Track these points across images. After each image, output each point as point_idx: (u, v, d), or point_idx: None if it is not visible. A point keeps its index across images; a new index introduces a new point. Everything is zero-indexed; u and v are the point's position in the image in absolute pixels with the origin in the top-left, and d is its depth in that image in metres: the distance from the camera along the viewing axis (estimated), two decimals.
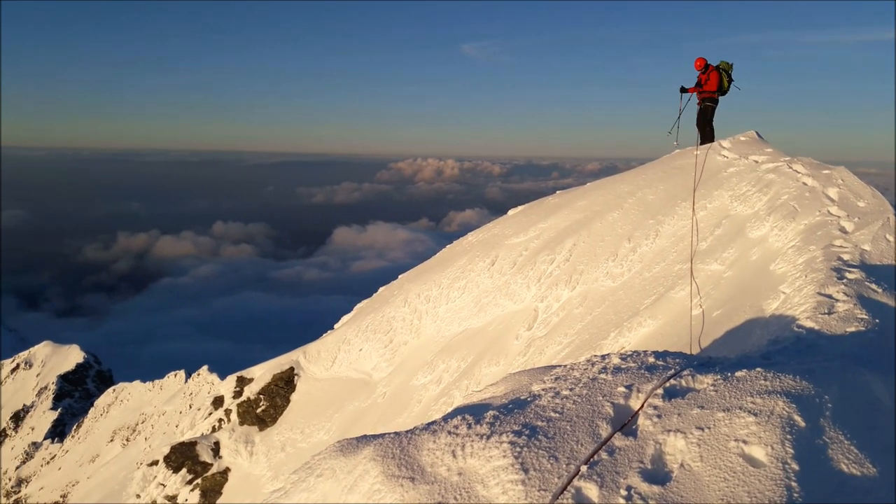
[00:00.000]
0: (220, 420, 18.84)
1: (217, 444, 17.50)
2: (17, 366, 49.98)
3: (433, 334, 16.98)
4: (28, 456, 40.86)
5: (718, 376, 4.00)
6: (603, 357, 4.70)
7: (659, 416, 3.63)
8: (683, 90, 14.27)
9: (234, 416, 18.24)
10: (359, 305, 22.03)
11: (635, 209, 13.89)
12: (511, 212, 19.90)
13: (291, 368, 19.06)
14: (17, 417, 44.62)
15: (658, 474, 3.24)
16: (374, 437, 4.49)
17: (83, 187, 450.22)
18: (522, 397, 4.37)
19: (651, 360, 4.52)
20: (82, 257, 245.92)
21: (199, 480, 16.66)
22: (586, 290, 12.76)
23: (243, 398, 18.47)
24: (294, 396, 18.57)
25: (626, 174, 17.26)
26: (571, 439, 3.55)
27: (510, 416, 3.94)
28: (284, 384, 18.63)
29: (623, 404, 3.87)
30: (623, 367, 4.40)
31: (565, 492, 3.15)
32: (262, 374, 19.34)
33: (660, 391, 3.93)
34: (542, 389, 4.38)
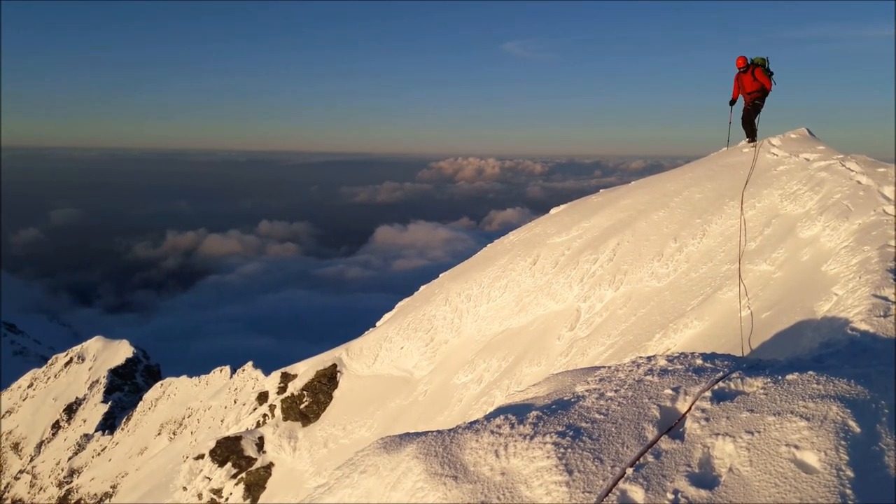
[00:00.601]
0: (265, 415, 19.18)
1: (261, 438, 17.82)
2: (71, 359, 51.76)
3: (474, 333, 16.98)
4: (80, 447, 42.25)
5: (769, 379, 3.91)
6: (649, 359, 4.63)
7: (707, 420, 3.57)
8: (732, 103, 14.34)
9: (278, 412, 18.54)
10: (400, 303, 22.17)
11: (681, 208, 13.64)
12: (553, 210, 19.76)
13: (334, 365, 19.29)
14: (70, 409, 46.14)
15: (706, 479, 3.19)
16: (417, 434, 4.51)
17: (134, 187, 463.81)
18: (566, 398, 4.34)
19: (699, 362, 4.44)
20: (132, 255, 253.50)
21: (243, 475, 16.99)
22: (630, 291, 12.58)
23: (287, 394, 18.77)
24: (336, 393, 18.79)
25: (671, 172, 16.97)
26: (616, 441, 3.51)
27: (554, 417, 3.92)
28: (327, 381, 18.86)
29: (670, 407, 3.81)
30: (670, 368, 4.33)
31: (610, 494, 3.12)
32: (305, 370, 19.62)
33: (708, 394, 3.85)
34: (586, 391, 4.34)
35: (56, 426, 45.53)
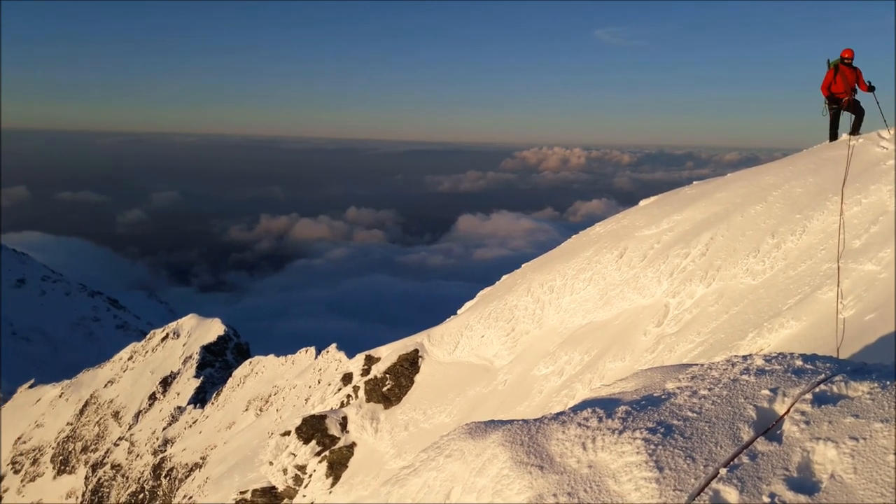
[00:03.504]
0: (348, 396, 19.75)
1: (345, 418, 18.37)
2: (167, 335, 54.85)
3: (556, 325, 16.83)
4: (174, 418, 44.77)
5: (876, 384, 3.71)
6: (745, 358, 4.47)
7: (807, 423, 3.42)
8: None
9: (361, 394, 19.05)
10: (481, 292, 22.23)
11: (781, 202, 13.00)
12: (643, 202, 19.27)
13: (416, 350, 19.61)
14: (166, 382, 48.90)
15: (805, 483, 3.07)
16: (502, 422, 4.55)
17: (230, 171, 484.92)
18: (656, 394, 4.26)
19: (798, 363, 4.25)
20: (227, 237, 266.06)
21: (326, 453, 17.58)
22: (723, 287, 12.13)
23: (370, 376, 19.24)
24: (418, 378, 19.10)
25: (770, 165, 16.19)
26: (710, 440, 3.43)
27: (643, 413, 3.86)
28: (409, 365, 19.21)
29: (767, 408, 3.68)
30: (767, 368, 4.17)
31: (702, 493, 3.05)
32: (388, 353, 20.04)
33: (808, 396, 3.70)
34: (678, 388, 4.24)
35: (152, 397, 48.40)
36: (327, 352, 38.08)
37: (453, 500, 4.13)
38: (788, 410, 3.60)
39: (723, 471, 3.17)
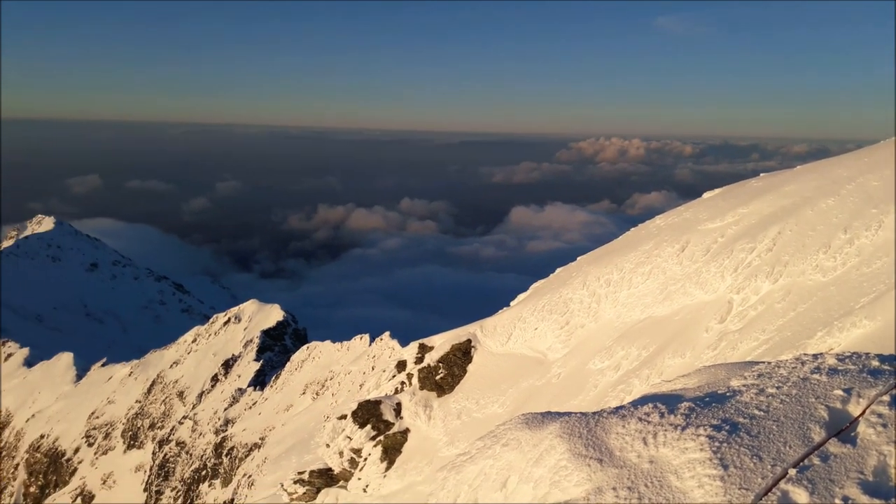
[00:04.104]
0: (403, 383, 19.95)
1: (399, 405, 18.57)
2: (229, 319, 56.53)
3: (612, 319, 16.56)
4: (235, 400, 46.16)
5: None
6: (815, 356, 4.31)
7: (884, 426, 3.27)
8: None
9: (415, 381, 19.21)
10: (535, 285, 22.06)
11: (854, 196, 12.42)
12: (706, 194, 18.74)
13: (469, 340, 19.63)
14: (227, 365, 50.43)
15: (881, 488, 2.94)
16: (560, 414, 4.51)
17: (290, 162, 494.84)
18: (720, 391, 4.15)
19: (875, 363, 4.06)
20: (287, 226, 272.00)
21: (381, 437, 17.81)
22: (790, 284, 11.69)
23: (424, 364, 19.37)
24: (470, 367, 19.13)
25: (843, 157, 15.49)
26: (778, 440, 3.31)
27: (707, 410, 3.76)
28: (462, 355, 19.25)
29: (840, 409, 3.54)
30: (840, 368, 4.00)
31: (770, 493, 2.96)
32: (441, 343, 20.13)
33: (886, 398, 3.53)
34: (743, 385, 4.12)
35: (215, 379, 50.02)
36: (381, 339, 38.59)
37: (510, 489, 4.12)
38: (864, 412, 3.44)
39: (792, 471, 3.07)
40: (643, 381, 12.45)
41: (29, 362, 65.87)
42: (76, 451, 52.65)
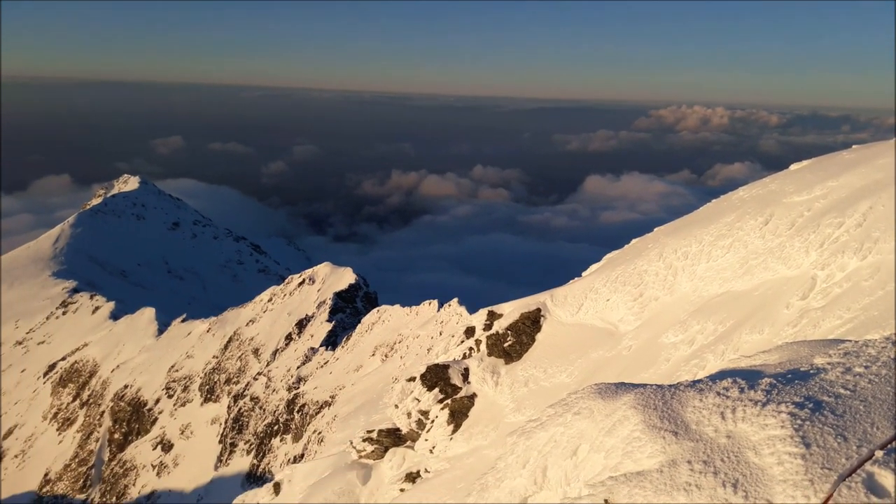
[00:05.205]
0: (471, 349, 20.15)
1: (466, 370, 18.79)
2: (304, 280, 58.31)
3: (688, 292, 16.15)
4: (307, 358, 47.84)
5: None
6: None
7: None
8: None
9: (483, 347, 19.37)
10: (609, 255, 21.70)
11: None
12: (793, 166, 17.86)
13: (538, 309, 19.58)
14: (301, 324, 52.17)
15: None
16: (634, 385, 4.49)
17: (365, 127, 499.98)
18: (803, 369, 4.03)
19: None
20: (361, 191, 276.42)
21: (448, 401, 18.12)
22: (880, 261, 11.08)
23: (492, 331, 19.48)
24: (539, 336, 19.11)
25: None
26: (865, 420, 3.21)
27: (790, 387, 3.66)
28: (531, 323, 19.24)
29: None
30: None
31: (854, 475, 2.88)
32: (510, 310, 20.16)
33: None
34: (828, 363, 3.99)
35: (289, 338, 51.88)
36: (449, 305, 39.02)
37: (580, 457, 4.15)
38: None
39: (879, 453, 2.97)
40: (718, 356, 12.15)
41: (115, 315, 69.91)
42: (157, 401, 55.92)
